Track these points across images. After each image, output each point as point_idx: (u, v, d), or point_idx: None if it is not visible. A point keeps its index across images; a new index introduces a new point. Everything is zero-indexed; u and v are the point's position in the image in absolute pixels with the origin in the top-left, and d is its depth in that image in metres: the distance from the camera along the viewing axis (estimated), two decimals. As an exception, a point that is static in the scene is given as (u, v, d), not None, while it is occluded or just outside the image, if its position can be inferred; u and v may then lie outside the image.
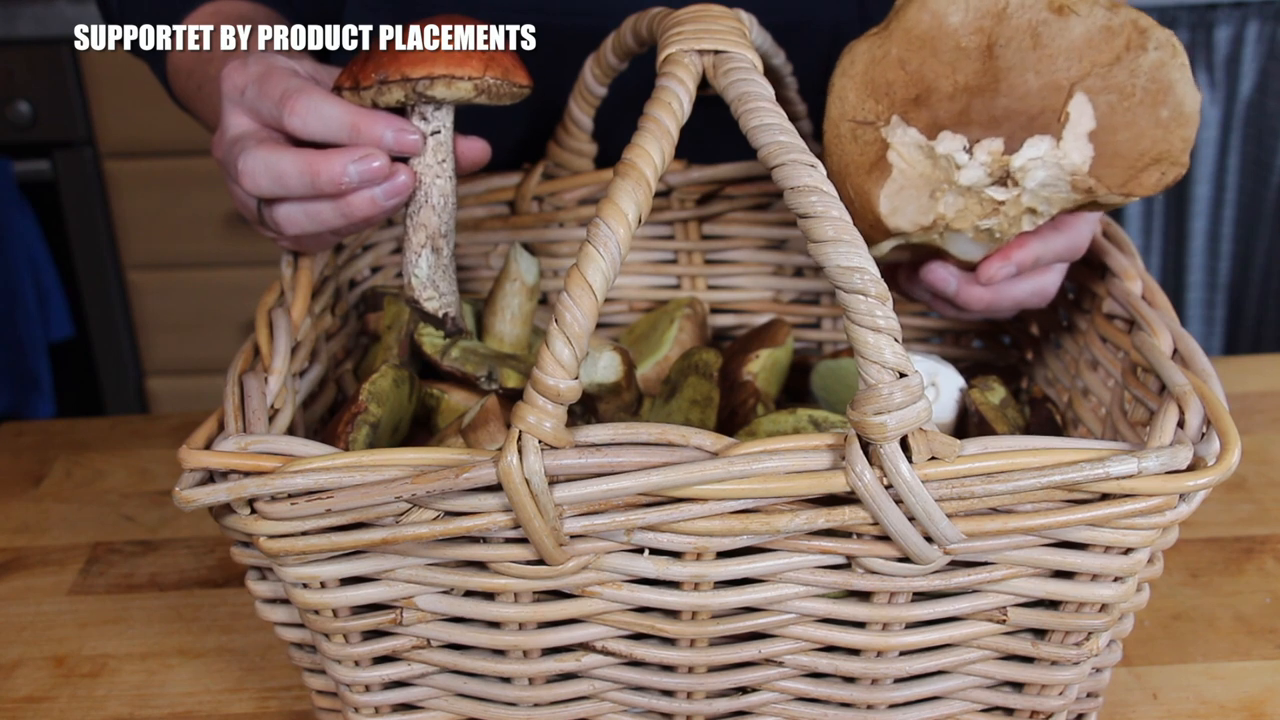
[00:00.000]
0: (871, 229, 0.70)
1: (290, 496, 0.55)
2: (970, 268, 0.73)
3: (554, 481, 0.53)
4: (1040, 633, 0.61)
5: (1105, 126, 0.68)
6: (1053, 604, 0.60)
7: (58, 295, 2.01)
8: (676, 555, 0.57)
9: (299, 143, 0.67)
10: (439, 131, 0.69)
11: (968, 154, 0.68)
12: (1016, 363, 0.86)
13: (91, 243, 2.02)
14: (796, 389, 0.85)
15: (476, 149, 0.72)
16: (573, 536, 0.56)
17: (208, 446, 0.57)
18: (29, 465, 0.99)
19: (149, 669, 0.76)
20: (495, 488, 0.54)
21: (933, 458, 0.53)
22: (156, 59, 0.92)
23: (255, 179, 0.65)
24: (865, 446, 0.53)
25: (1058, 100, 0.68)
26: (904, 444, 0.52)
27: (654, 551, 0.57)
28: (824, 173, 0.53)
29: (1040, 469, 0.53)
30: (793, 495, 0.54)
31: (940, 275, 0.73)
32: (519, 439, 0.53)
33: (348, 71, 0.69)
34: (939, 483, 0.53)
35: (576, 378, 0.52)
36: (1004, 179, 0.68)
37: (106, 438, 1.02)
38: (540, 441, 0.53)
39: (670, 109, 0.57)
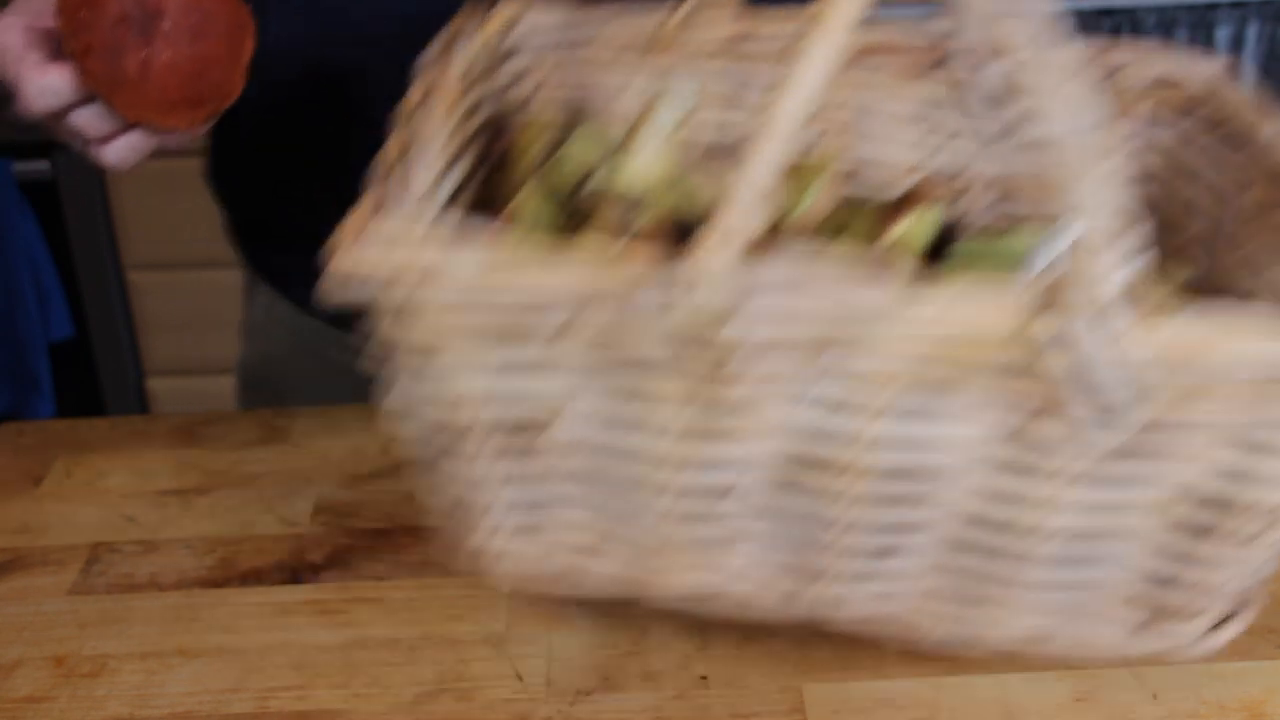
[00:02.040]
0: None
1: (442, 305, 0.53)
2: None
3: (725, 317, 0.51)
4: (1205, 530, 0.58)
5: None
6: (1224, 503, 0.57)
7: (58, 295, 2.01)
8: (843, 405, 0.55)
9: None
10: None
11: None
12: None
13: (91, 243, 2.02)
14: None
15: None
16: (737, 374, 0.54)
17: (359, 244, 0.54)
18: (29, 465, 0.99)
19: (149, 669, 0.76)
20: (660, 315, 0.52)
21: (1135, 328, 0.49)
22: None
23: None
24: (1061, 309, 0.50)
25: None
26: (1105, 311, 0.49)
27: (820, 401, 0.55)
28: None
29: (1249, 360, 0.50)
30: (975, 360, 0.52)
31: None
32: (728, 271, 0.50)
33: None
34: (1137, 356, 0.50)
35: (764, 212, 0.50)
36: None
37: (106, 438, 1.02)
38: (716, 275, 0.50)
39: None
